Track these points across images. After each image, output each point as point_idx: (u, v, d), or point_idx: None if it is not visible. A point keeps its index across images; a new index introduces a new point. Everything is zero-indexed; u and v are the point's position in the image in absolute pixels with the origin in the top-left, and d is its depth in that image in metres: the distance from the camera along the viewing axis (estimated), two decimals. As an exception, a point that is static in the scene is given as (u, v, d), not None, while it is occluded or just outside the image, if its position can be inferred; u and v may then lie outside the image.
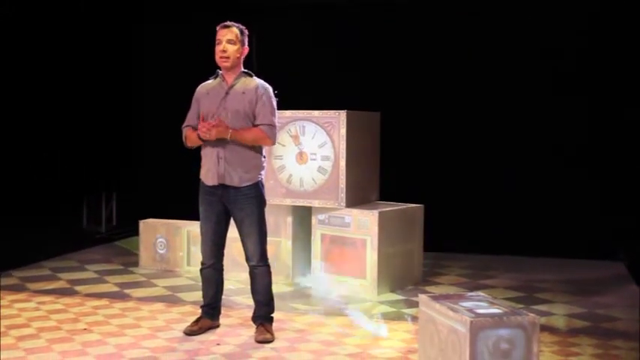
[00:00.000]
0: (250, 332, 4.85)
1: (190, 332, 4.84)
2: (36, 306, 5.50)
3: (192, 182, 5.04)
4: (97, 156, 8.55)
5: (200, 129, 4.60)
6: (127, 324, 5.07)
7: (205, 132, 4.58)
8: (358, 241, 5.96)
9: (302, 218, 6.32)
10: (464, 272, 6.81)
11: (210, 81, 4.84)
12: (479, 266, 7.02)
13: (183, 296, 5.86)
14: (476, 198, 7.53)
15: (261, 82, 4.79)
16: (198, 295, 5.31)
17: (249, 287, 4.92)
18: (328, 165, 6.06)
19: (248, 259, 4.81)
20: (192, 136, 4.76)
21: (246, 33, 4.76)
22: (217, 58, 4.71)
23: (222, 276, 4.96)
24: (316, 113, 6.09)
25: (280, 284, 5.97)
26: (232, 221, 4.82)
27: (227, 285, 5.18)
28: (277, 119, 4.80)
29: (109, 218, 8.83)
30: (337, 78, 7.70)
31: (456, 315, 3.69)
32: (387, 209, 6.08)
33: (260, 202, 4.76)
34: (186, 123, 4.85)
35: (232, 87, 4.72)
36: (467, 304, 3.87)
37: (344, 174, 6.00)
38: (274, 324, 4.88)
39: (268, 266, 4.83)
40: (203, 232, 4.84)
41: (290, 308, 5.50)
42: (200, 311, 4.99)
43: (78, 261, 7.13)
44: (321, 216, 6.15)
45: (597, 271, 6.78)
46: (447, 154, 7.66)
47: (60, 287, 6.10)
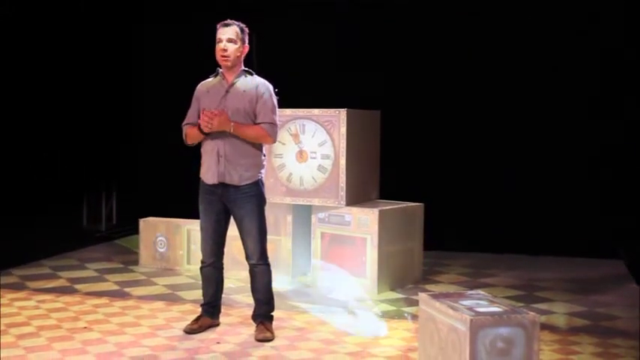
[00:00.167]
0: (250, 331, 4.86)
1: (190, 331, 4.84)
2: (36, 304, 5.50)
3: (192, 181, 5.04)
4: (97, 155, 8.56)
5: (202, 119, 4.58)
6: (127, 322, 5.07)
7: (207, 122, 4.56)
8: (358, 240, 5.96)
9: (302, 217, 6.32)
10: (464, 271, 6.81)
11: (210, 79, 4.83)
12: (479, 265, 7.02)
13: (183, 295, 5.86)
14: (476, 196, 7.53)
15: (261, 81, 4.78)
16: (198, 294, 5.31)
17: (249, 286, 4.92)
18: (328, 163, 6.06)
19: (248, 258, 4.80)
20: (192, 133, 4.74)
21: (246, 31, 4.75)
22: (218, 57, 4.70)
23: (222, 274, 4.96)
24: (316, 112, 6.09)
25: (280, 283, 5.96)
26: (232, 220, 4.82)
27: (227, 283, 5.18)
28: (278, 118, 4.80)
29: (109, 217, 8.83)
30: (337, 77, 7.70)
31: (456, 313, 3.69)
32: (387, 208, 6.08)
33: (260, 201, 4.76)
34: (186, 121, 4.85)
35: (233, 85, 4.72)
36: (467, 303, 3.87)
37: (344, 172, 6.00)
38: (274, 322, 4.89)
39: (268, 265, 4.83)
40: (203, 231, 4.84)
41: (290, 307, 5.50)
42: (200, 310, 4.99)
43: (78, 259, 7.14)
44: (321, 214, 6.15)
45: (597, 270, 6.78)
46: (447, 153, 7.66)
47: (60, 286, 6.11)
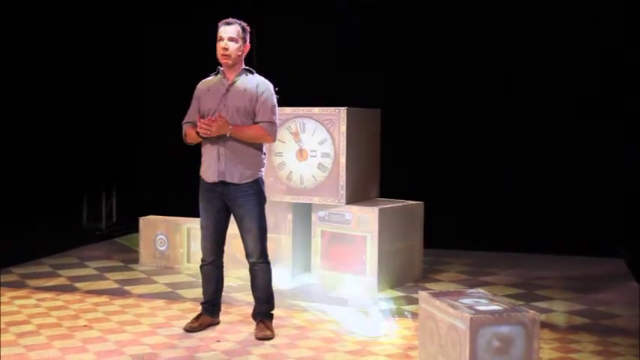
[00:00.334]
0: (250, 329, 4.86)
1: (190, 329, 4.84)
2: (36, 303, 5.50)
3: (192, 179, 5.04)
4: (97, 154, 8.56)
5: (200, 126, 4.59)
6: (127, 321, 5.08)
7: (205, 129, 4.56)
8: (358, 238, 5.96)
9: (302, 215, 6.33)
10: (464, 269, 6.81)
11: (210, 77, 4.83)
12: (479, 263, 7.03)
13: (183, 293, 5.86)
14: (476, 195, 7.54)
15: (262, 80, 4.78)
16: (198, 292, 5.31)
17: (249, 284, 4.92)
18: (328, 162, 6.06)
19: (248, 256, 4.80)
20: (191, 134, 4.75)
21: (247, 30, 4.75)
22: (219, 55, 4.70)
23: (222, 273, 4.96)
24: (316, 110, 6.09)
25: (280, 281, 5.96)
26: (232, 218, 4.82)
27: (227, 282, 5.18)
28: (278, 116, 4.80)
29: (109, 215, 8.83)
30: (337, 77, 7.70)
31: (456, 312, 3.69)
32: (387, 206, 6.08)
33: (260, 199, 4.76)
34: (186, 119, 4.85)
35: (233, 84, 4.72)
36: (467, 301, 3.87)
37: (344, 171, 6.00)
38: (274, 321, 4.89)
39: (268, 263, 4.83)
40: (203, 229, 4.84)
41: (290, 305, 5.50)
42: (200, 308, 4.99)
43: (78, 258, 7.14)
44: (321, 213, 6.15)
45: (597, 268, 6.79)
46: (447, 151, 7.66)
47: (60, 284, 6.11)
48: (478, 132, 7.57)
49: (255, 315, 4.89)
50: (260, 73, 4.85)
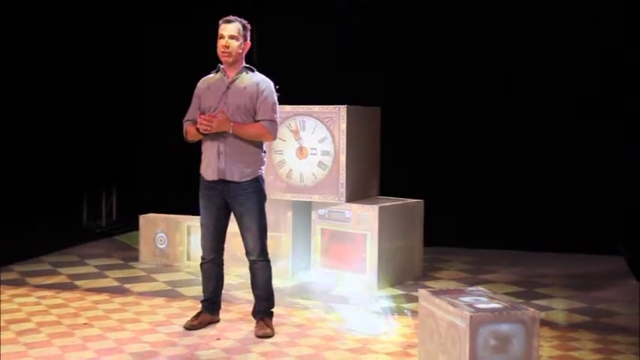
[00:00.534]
0: (250, 327, 4.86)
1: (190, 327, 4.84)
2: (36, 300, 5.50)
3: (192, 177, 5.04)
4: (97, 154, 8.56)
5: (200, 122, 4.59)
6: (127, 318, 5.08)
7: (206, 124, 4.56)
8: (358, 236, 5.97)
9: (302, 213, 6.33)
10: (464, 267, 6.81)
11: (211, 75, 4.83)
12: (479, 261, 7.03)
13: (183, 291, 5.86)
14: (476, 193, 7.54)
15: (262, 78, 4.78)
16: (198, 290, 5.31)
17: (249, 282, 4.93)
18: (328, 160, 6.06)
19: (248, 254, 4.81)
20: (192, 131, 4.75)
21: (248, 28, 4.75)
22: (219, 53, 4.70)
23: (222, 271, 4.97)
24: (316, 108, 6.10)
25: (280, 279, 5.97)
26: (232, 216, 4.82)
27: (227, 280, 5.17)
28: (278, 114, 4.81)
29: (109, 213, 8.84)
30: (337, 76, 7.69)
31: (456, 310, 3.69)
32: (387, 204, 6.09)
33: (260, 197, 4.76)
34: (186, 117, 4.85)
35: (233, 82, 4.72)
36: (467, 299, 3.87)
37: (344, 169, 6.01)
38: (274, 319, 4.89)
39: (268, 261, 4.83)
40: (203, 227, 4.85)
41: (290, 303, 5.50)
42: (200, 306, 4.99)
43: (78, 256, 7.14)
44: (321, 211, 6.16)
45: (597, 266, 6.79)
46: (447, 150, 7.66)
47: (60, 282, 6.11)
48: (478, 131, 7.57)
49: (255, 313, 4.90)
50: (260, 71, 4.85)
